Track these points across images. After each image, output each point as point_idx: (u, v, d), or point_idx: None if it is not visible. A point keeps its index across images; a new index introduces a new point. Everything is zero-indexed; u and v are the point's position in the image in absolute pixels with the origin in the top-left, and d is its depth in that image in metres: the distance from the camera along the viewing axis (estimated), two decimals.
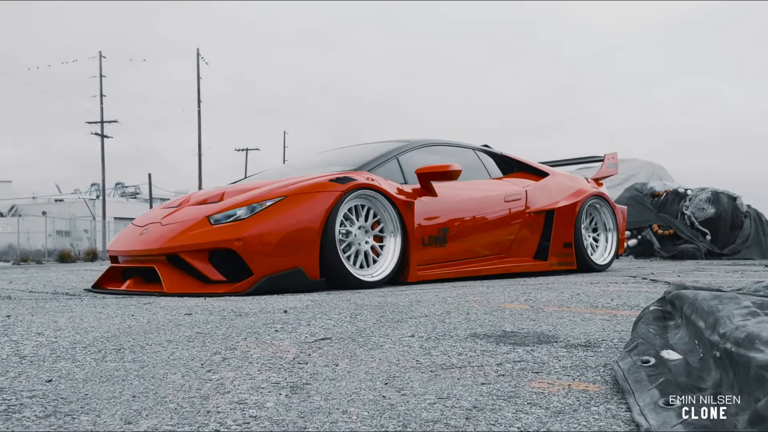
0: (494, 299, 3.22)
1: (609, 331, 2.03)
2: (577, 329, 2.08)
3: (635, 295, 3.35)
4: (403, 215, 4.60)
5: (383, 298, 3.37)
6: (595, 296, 3.28)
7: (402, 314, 2.56)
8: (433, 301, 3.12)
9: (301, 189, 4.34)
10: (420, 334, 2.02)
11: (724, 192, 12.85)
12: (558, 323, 2.23)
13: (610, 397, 1.24)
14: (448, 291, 3.82)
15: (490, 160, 6.11)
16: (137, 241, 4.45)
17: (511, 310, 2.64)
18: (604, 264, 6.32)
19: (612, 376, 1.40)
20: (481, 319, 2.37)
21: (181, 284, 4.11)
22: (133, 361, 1.60)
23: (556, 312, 2.57)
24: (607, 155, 7.14)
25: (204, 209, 4.43)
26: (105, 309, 3.10)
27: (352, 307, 2.91)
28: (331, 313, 2.65)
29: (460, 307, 2.79)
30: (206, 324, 2.33)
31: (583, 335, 1.95)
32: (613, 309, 2.69)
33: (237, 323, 2.35)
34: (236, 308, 2.98)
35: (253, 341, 1.92)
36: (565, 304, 2.87)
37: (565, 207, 5.98)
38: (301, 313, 2.66)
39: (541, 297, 3.29)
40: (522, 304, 2.94)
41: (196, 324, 2.34)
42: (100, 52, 33.82)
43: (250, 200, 4.30)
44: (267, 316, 2.57)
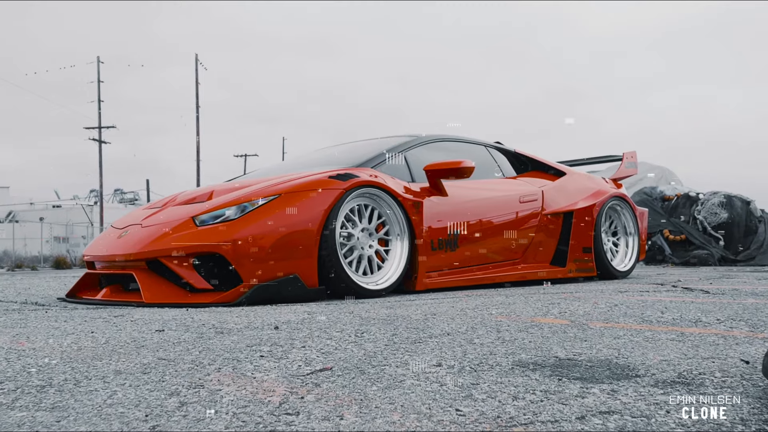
0: (521, 311, 2.76)
1: (696, 359, 1.56)
2: (650, 354, 1.61)
3: (682, 306, 2.89)
4: (411, 216, 4.14)
5: (392, 310, 2.91)
6: (639, 308, 2.82)
7: (418, 331, 2.10)
8: (450, 314, 2.66)
9: (297, 186, 3.88)
10: (448, 361, 1.55)
11: (737, 196, 12.42)
12: (620, 345, 1.77)
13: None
14: (463, 301, 3.35)
15: (503, 157, 5.65)
16: (115, 245, 3.98)
17: (550, 327, 2.18)
18: (625, 270, 5.85)
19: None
20: (519, 339, 1.91)
21: (163, 293, 3.64)
22: (50, 409, 1.13)
23: (607, 329, 2.11)
24: (626, 154, 6.68)
25: (189, 209, 3.96)
26: (66, 323, 2.64)
27: (356, 321, 2.44)
28: (331, 329, 2.18)
29: (486, 322, 2.33)
30: (176, 345, 1.86)
31: (667, 365, 1.48)
32: (672, 325, 2.22)
33: (215, 344, 1.88)
34: (219, 322, 2.52)
35: (228, 373, 1.45)
36: (611, 319, 2.41)
37: (585, 209, 5.52)
38: (296, 329, 2.19)
39: (575, 309, 2.83)
40: (558, 318, 2.48)
41: (164, 345, 1.87)
42: (98, 57, 33.39)
43: (241, 199, 3.83)
44: (254, 333, 2.11)
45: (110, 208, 43.41)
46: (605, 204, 5.70)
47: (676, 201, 12.48)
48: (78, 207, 44.24)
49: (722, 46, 76.83)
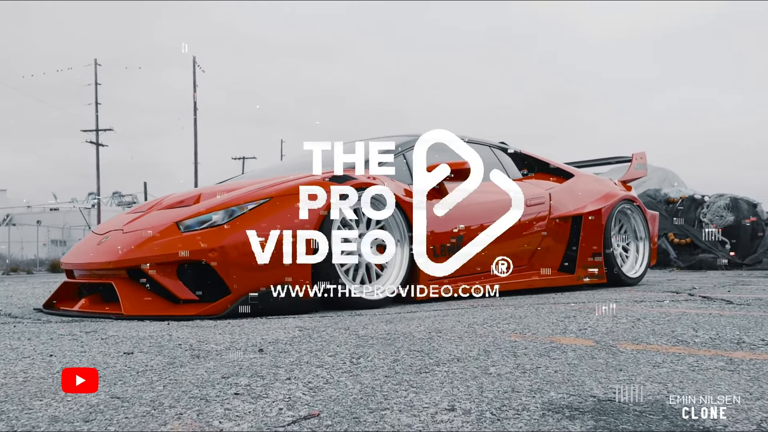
0: (536, 328, 2.48)
1: (765, 400, 1.29)
2: (706, 392, 1.33)
3: (712, 321, 2.61)
4: (412, 221, 3.86)
5: (392, 325, 2.63)
6: (665, 323, 2.54)
7: (423, 355, 1.82)
8: (457, 332, 2.38)
9: (290, 189, 3.60)
10: (462, 402, 1.28)
11: (744, 198, 12.17)
12: (663, 377, 1.49)
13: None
14: (470, 314, 3.07)
15: (507, 158, 5.37)
16: (94, 252, 3.70)
17: (574, 349, 1.90)
18: (636, 277, 5.57)
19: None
20: (542, 367, 1.63)
21: (144, 304, 3.37)
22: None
23: (640, 353, 1.83)
24: (635, 155, 6.41)
25: (173, 214, 3.68)
26: (28, 342, 2.36)
27: (352, 341, 2.16)
28: (323, 352, 1.90)
29: (500, 343, 2.05)
30: (140, 376, 1.58)
31: (736, 411, 1.20)
32: (713, 348, 1.94)
33: (185, 374, 1.60)
34: (199, 342, 2.24)
35: (191, 421, 1.17)
36: (640, 339, 2.13)
37: (594, 212, 5.24)
38: (282, 353, 1.91)
39: (594, 324, 2.55)
40: (579, 336, 2.20)
41: (125, 376, 1.59)
42: (95, 59, 33.09)
43: (229, 203, 3.55)
44: (234, 358, 1.83)
45: (108, 210, 43.08)
46: (615, 207, 5.42)
47: (681, 203, 12.24)
48: (75, 210, 43.93)
49: (722, 48, 76.27)
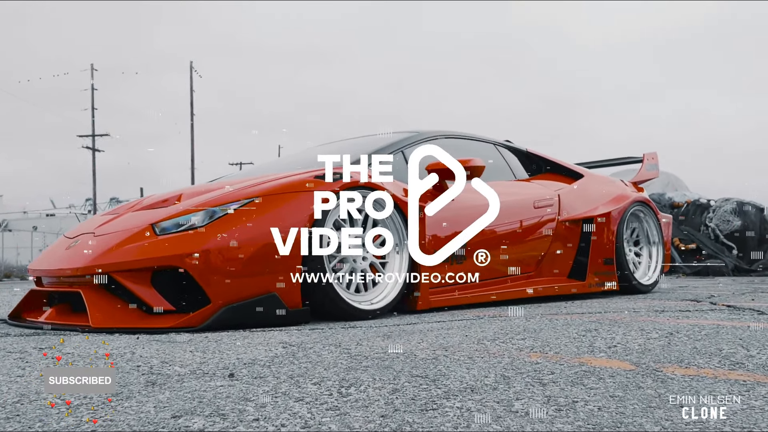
0: (557, 345, 2.14)
1: None
2: None
3: (758, 336, 2.28)
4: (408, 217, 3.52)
5: (389, 341, 2.29)
6: (705, 339, 2.21)
7: (428, 383, 1.48)
8: (466, 350, 2.04)
9: (277, 188, 3.27)
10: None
11: (750, 203, 11.88)
12: (745, 420, 1.15)
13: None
14: (477, 326, 2.74)
15: (513, 157, 5.04)
16: (62, 258, 3.36)
17: (611, 375, 1.56)
18: (649, 284, 5.23)
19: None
20: (580, 401, 1.29)
21: (114, 315, 3.02)
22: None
23: (695, 380, 1.49)
24: (647, 155, 6.08)
25: (149, 215, 3.34)
26: None
27: (342, 361, 1.82)
28: (306, 380, 1.56)
29: (519, 366, 1.71)
30: (60, 419, 1.24)
31: None
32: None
33: (128, 411, 1.26)
34: (162, 363, 1.90)
35: None
36: (687, 360, 1.79)
37: (605, 215, 4.90)
38: (257, 378, 1.57)
39: (623, 340, 2.21)
40: (611, 356, 1.86)
41: (51, 413, 1.25)
42: (92, 64, 32.76)
43: (210, 203, 3.21)
44: (197, 386, 1.49)
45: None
46: (627, 210, 5.09)
47: (686, 208, 11.95)
48: (72, 216, 43.55)
49: (722, 54, 76.17)
